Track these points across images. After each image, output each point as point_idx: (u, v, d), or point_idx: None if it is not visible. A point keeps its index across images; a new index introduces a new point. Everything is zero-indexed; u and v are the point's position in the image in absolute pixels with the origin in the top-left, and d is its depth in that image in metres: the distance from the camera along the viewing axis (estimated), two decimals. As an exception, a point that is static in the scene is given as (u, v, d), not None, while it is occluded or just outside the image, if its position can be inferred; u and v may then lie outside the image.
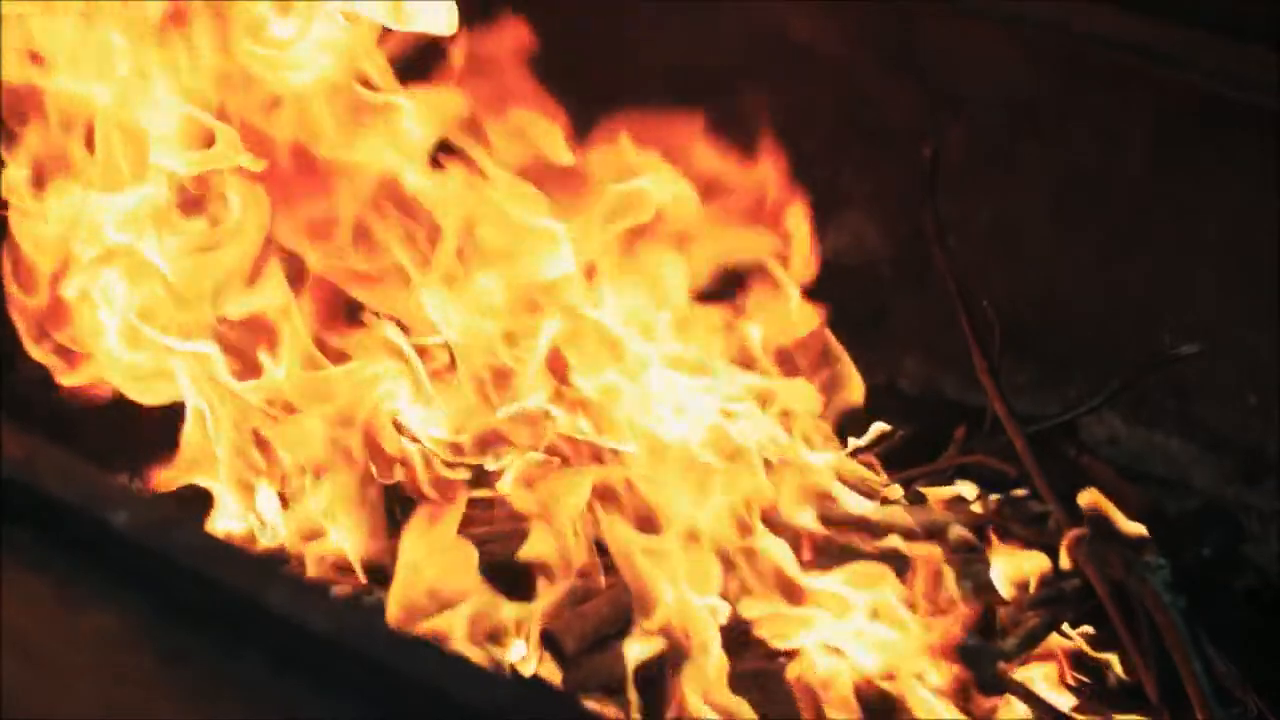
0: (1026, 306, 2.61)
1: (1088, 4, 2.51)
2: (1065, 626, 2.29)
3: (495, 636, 2.09)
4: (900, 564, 2.24)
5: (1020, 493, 2.47)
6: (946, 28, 2.59)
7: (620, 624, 2.16)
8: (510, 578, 2.18)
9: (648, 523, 2.19)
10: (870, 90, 2.67)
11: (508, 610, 2.11)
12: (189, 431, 2.35)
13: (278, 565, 2.02)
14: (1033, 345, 2.60)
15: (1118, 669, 2.26)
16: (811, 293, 2.49)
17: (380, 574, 2.22)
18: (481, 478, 2.34)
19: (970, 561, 2.31)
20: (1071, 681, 2.24)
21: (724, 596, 2.18)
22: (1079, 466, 2.55)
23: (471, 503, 2.32)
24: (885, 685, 2.14)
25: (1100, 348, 2.66)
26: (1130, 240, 2.60)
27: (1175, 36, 2.49)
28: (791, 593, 2.18)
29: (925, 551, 2.25)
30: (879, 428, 2.55)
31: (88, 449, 2.35)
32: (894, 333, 2.79)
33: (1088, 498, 2.31)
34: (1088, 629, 2.29)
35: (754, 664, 2.22)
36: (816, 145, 2.71)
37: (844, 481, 2.34)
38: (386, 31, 2.30)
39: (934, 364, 2.70)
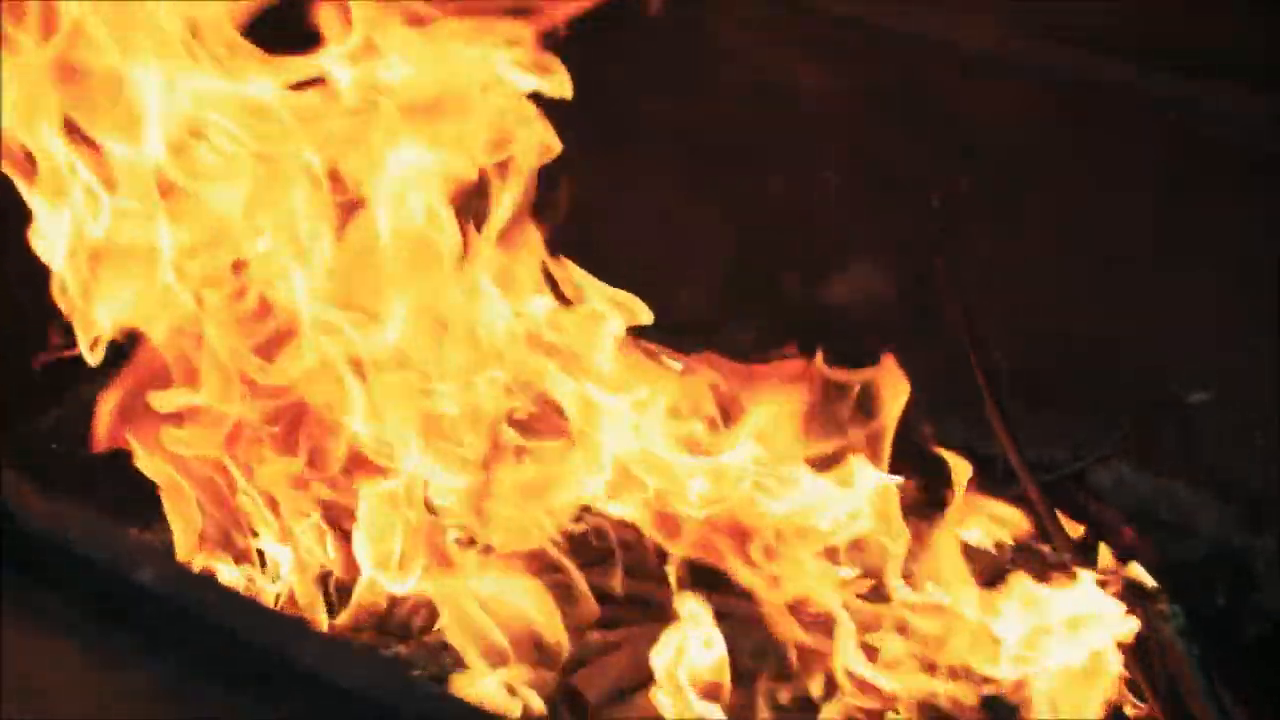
0: (1033, 352, 2.61)
1: (1090, 52, 2.53)
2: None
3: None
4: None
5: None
6: (952, 76, 2.60)
7: (642, 677, 2.16)
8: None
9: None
10: (877, 139, 2.67)
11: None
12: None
13: (307, 620, 2.01)
14: (1039, 390, 2.61)
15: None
16: (818, 342, 2.50)
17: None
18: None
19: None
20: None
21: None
22: (1087, 512, 2.56)
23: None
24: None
25: (1107, 392, 2.67)
26: (1135, 285, 2.61)
27: (1175, 81, 2.50)
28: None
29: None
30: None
31: (98, 501, 2.35)
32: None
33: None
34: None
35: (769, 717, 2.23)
36: (824, 196, 2.73)
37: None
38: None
39: (941, 412, 2.70)
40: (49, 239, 2.21)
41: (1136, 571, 2.34)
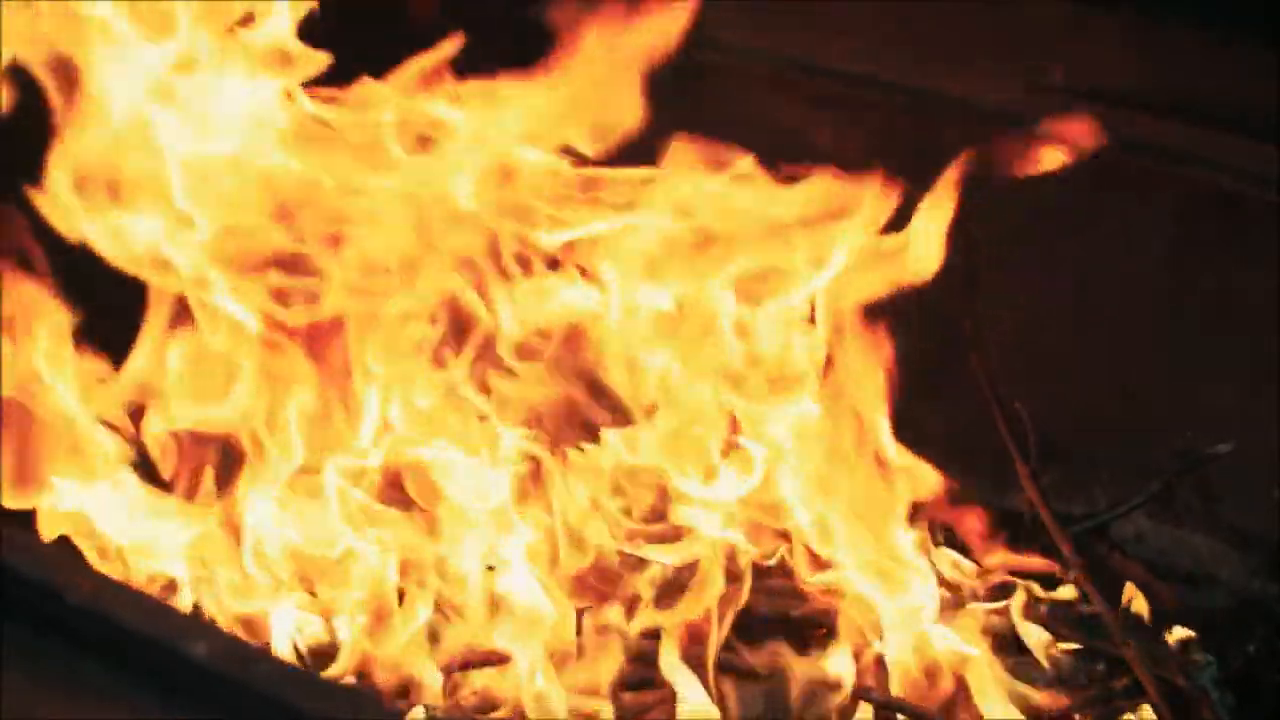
0: (1050, 406, 2.62)
1: (1106, 106, 2.54)
2: None
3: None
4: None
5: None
6: (967, 131, 2.61)
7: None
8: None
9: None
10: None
11: None
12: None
13: (361, 693, 2.00)
14: (1056, 445, 2.62)
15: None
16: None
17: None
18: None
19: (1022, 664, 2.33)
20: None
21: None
22: (1110, 564, 2.57)
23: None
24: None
25: (1124, 446, 2.68)
26: (1153, 338, 2.63)
27: (1194, 136, 2.53)
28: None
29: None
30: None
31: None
32: (920, 436, 2.80)
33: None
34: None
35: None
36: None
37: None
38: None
39: (961, 467, 2.71)
40: None
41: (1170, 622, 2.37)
